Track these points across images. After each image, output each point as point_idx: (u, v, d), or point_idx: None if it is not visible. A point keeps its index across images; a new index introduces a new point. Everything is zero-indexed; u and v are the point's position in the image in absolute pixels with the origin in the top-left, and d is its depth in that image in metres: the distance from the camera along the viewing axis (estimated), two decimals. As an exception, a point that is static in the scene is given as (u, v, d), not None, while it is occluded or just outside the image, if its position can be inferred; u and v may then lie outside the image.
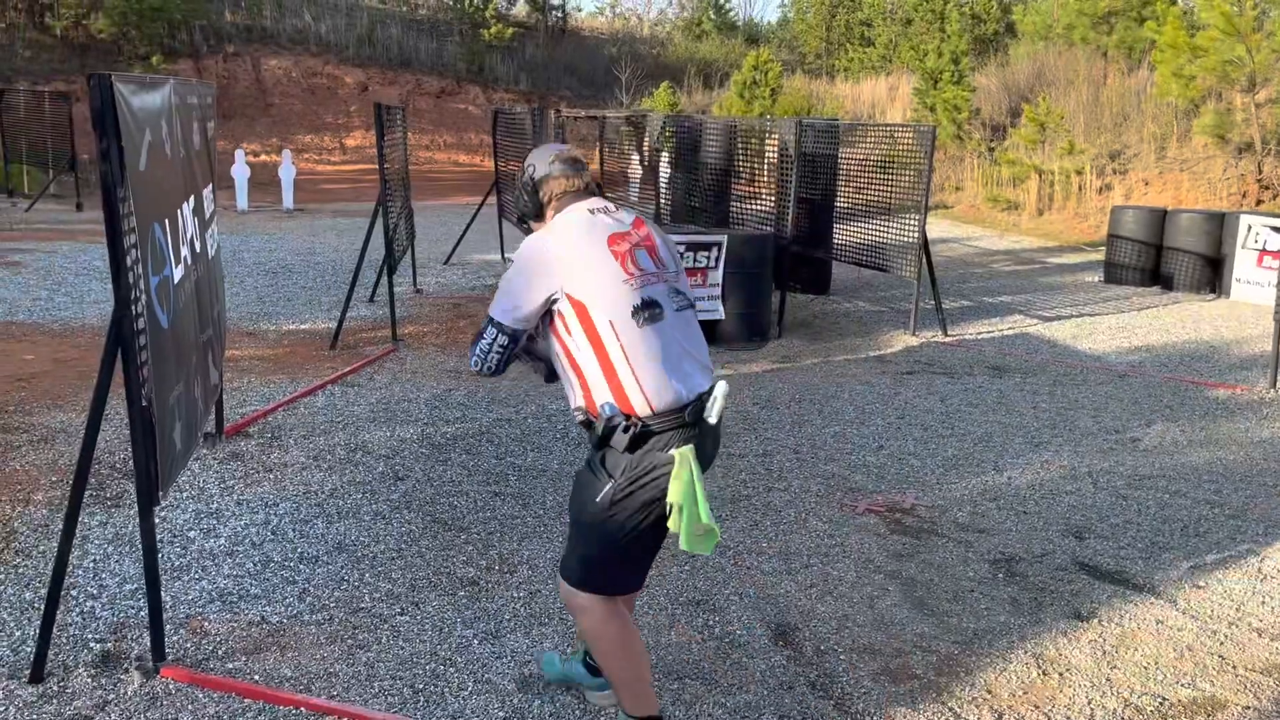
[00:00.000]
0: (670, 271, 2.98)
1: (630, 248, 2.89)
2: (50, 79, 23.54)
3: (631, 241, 2.91)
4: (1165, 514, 5.09)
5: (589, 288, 2.79)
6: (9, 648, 3.52)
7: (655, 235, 3.02)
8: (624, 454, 2.78)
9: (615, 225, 2.93)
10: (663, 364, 2.80)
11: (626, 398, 2.78)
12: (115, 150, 3.16)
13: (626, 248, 2.88)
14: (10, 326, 8.38)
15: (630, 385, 2.78)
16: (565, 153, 3.09)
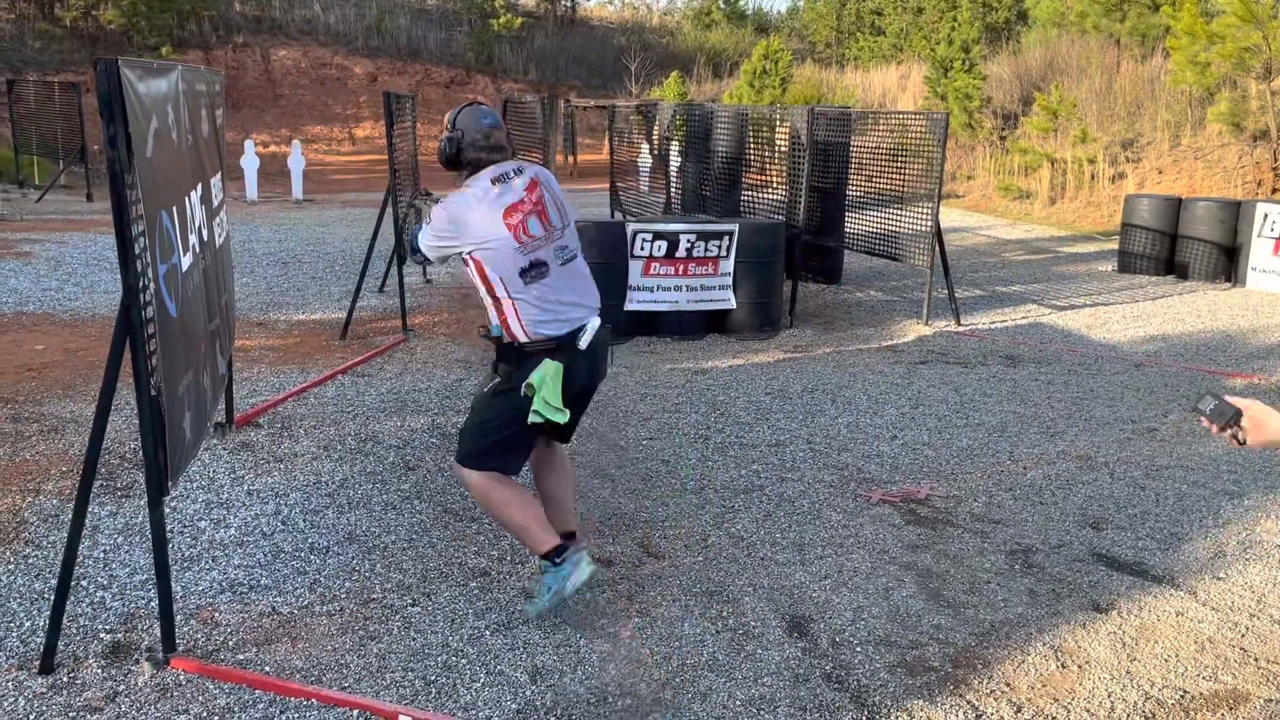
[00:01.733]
0: (558, 230, 3.69)
1: (523, 218, 3.59)
2: (60, 70, 23.57)
3: (524, 211, 3.60)
4: (1184, 504, 5.02)
5: (486, 254, 3.57)
6: (19, 639, 3.50)
7: (546, 198, 3.69)
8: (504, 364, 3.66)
9: (512, 196, 3.60)
10: (542, 309, 3.58)
11: (509, 328, 3.62)
12: (123, 136, 3.12)
13: (519, 219, 3.58)
14: (21, 317, 8.38)
15: (513, 321, 3.60)
16: (486, 125, 3.72)
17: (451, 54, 31.14)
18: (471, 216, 3.58)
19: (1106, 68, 20.78)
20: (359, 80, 28.87)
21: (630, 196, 13.63)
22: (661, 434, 5.89)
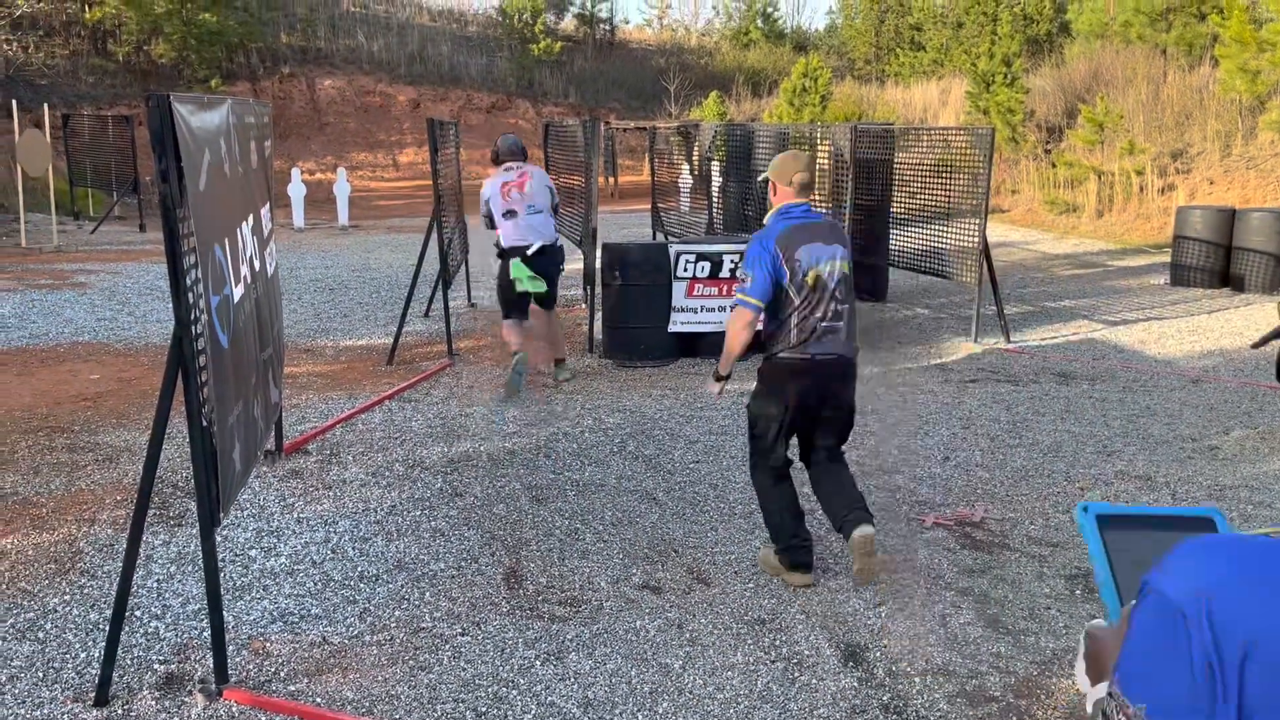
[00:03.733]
0: (531, 196, 7.09)
1: (510, 188, 7.08)
2: (113, 104, 24.15)
3: (512, 185, 7.09)
4: (1250, 526, 4.87)
5: (492, 205, 7.13)
6: (74, 670, 3.53)
7: (528, 183, 7.10)
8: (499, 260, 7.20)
9: (508, 177, 7.12)
10: (513, 234, 7.05)
11: (500, 241, 7.10)
12: (174, 171, 3.16)
13: (509, 189, 7.08)
14: (77, 346, 8.53)
15: (500, 238, 7.12)
16: (511, 145, 7.38)
17: (493, 79, 31.47)
18: (488, 185, 7.23)
19: (1152, 78, 20.48)
20: (402, 107, 29.26)
21: (672, 217, 13.63)
22: (708, 457, 5.84)
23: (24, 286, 11.37)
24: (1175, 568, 0.90)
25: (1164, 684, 0.87)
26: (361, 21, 32.40)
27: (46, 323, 9.44)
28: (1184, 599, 0.87)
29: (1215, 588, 0.86)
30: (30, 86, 23.53)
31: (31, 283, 11.65)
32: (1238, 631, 0.84)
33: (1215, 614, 0.85)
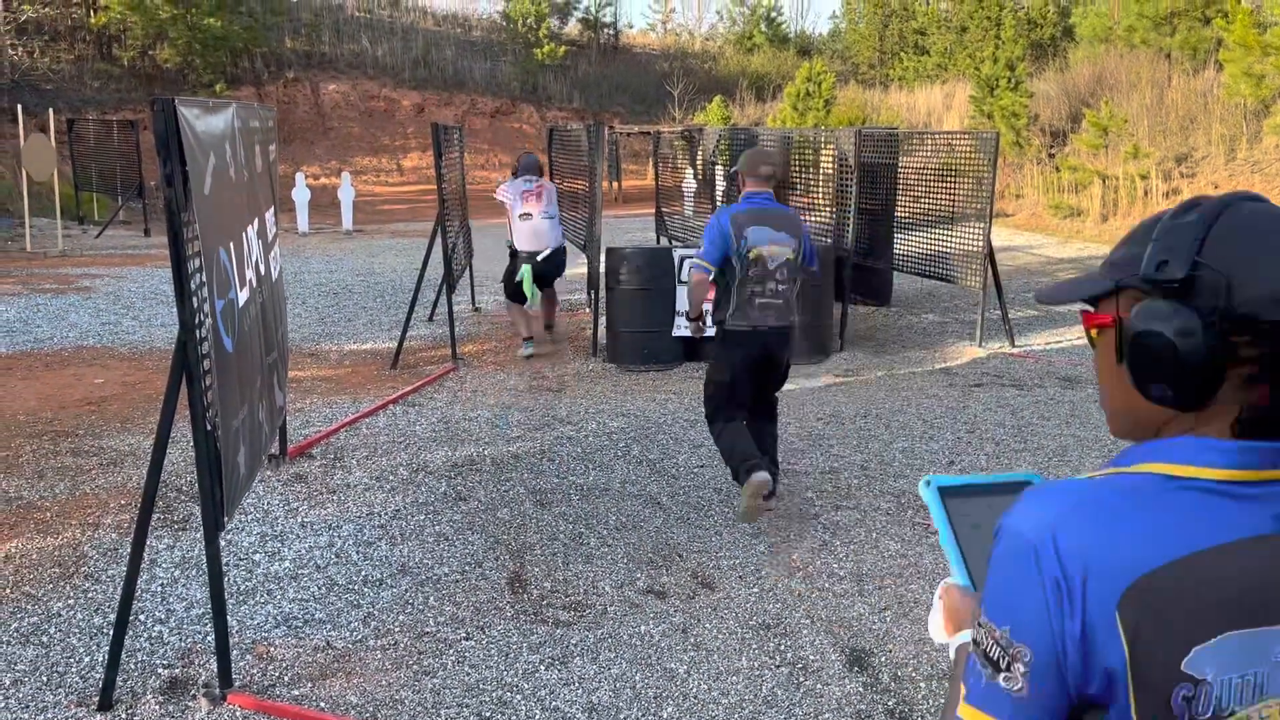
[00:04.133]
0: (545, 203, 8.37)
1: (529, 194, 8.36)
2: (118, 108, 24.21)
3: (532, 194, 8.36)
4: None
5: (512, 205, 8.40)
6: (78, 674, 3.52)
7: (544, 193, 8.46)
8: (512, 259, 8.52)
9: (527, 187, 8.42)
10: (528, 239, 8.31)
11: (515, 244, 8.42)
12: (179, 174, 3.16)
13: (528, 196, 8.35)
14: (81, 350, 8.55)
15: (514, 240, 8.45)
16: (530, 162, 8.74)
17: (497, 84, 31.51)
18: (508, 191, 8.45)
19: (1157, 82, 20.47)
20: (406, 112, 29.31)
21: (676, 221, 13.63)
22: (712, 461, 5.83)
23: (29, 291, 11.39)
24: (1022, 510, 1.07)
25: (1022, 608, 1.04)
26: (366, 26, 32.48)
27: (51, 327, 9.45)
28: (1032, 534, 1.04)
29: (1056, 521, 1.04)
30: (35, 91, 23.60)
31: (36, 287, 11.67)
32: (1077, 556, 1.02)
33: (1059, 542, 1.03)
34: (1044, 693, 1.04)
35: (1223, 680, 1.02)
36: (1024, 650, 1.04)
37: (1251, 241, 1.05)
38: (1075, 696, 1.05)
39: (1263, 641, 1.03)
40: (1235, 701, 1.03)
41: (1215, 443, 1.05)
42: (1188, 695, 1.02)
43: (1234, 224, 1.06)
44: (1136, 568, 1.01)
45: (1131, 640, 1.01)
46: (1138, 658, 1.01)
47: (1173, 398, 1.06)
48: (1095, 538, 1.02)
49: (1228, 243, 1.05)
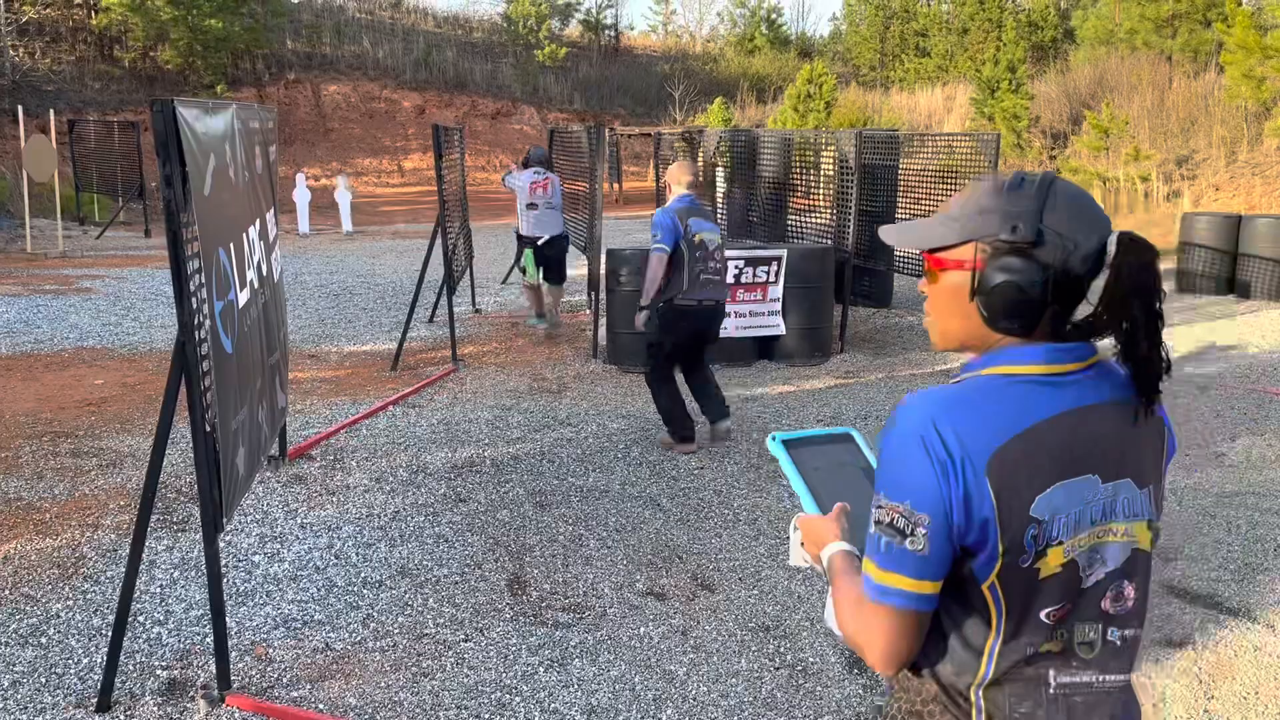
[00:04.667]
0: (549, 195, 9.14)
1: (536, 185, 9.10)
2: (119, 109, 24.22)
3: (540, 185, 9.11)
4: (1257, 533, 4.85)
5: (520, 194, 9.19)
6: (77, 676, 3.52)
7: (550, 185, 9.21)
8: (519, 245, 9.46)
9: (536, 178, 9.14)
10: (533, 225, 9.14)
11: (520, 230, 9.32)
12: (178, 175, 3.16)
13: (535, 187, 9.08)
14: (81, 351, 8.54)
15: (521, 225, 9.28)
16: (540, 155, 9.53)
17: (498, 85, 31.52)
18: (518, 180, 9.14)
19: (1158, 84, 20.48)
20: (407, 113, 29.32)
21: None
22: (712, 463, 5.83)
23: (29, 292, 11.39)
24: (905, 413, 1.38)
25: (919, 485, 1.34)
26: (367, 28, 32.49)
27: (51, 328, 9.45)
28: (918, 426, 1.36)
29: (935, 416, 1.35)
30: (36, 92, 23.61)
31: (37, 288, 11.67)
32: (953, 439, 1.34)
33: (940, 430, 1.34)
34: (939, 548, 1.35)
35: (1055, 520, 1.37)
36: (924, 518, 1.34)
37: (1074, 211, 1.40)
38: (957, 548, 1.36)
39: (1078, 488, 1.39)
40: (1062, 535, 1.38)
41: (1035, 349, 1.41)
42: (1034, 534, 1.35)
43: (1059, 198, 1.41)
44: (995, 441, 1.35)
45: (997, 495, 1.34)
46: (1001, 509, 1.34)
47: (1017, 328, 1.41)
48: (964, 424, 1.35)
49: (1059, 212, 1.39)
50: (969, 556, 1.37)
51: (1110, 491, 1.41)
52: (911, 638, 1.40)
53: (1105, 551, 1.42)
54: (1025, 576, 1.37)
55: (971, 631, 1.40)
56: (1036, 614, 1.39)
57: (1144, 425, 1.45)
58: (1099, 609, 1.43)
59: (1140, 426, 1.44)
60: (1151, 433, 1.46)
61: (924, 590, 1.37)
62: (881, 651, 1.40)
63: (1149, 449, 1.46)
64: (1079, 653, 1.42)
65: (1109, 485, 1.42)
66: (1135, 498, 1.44)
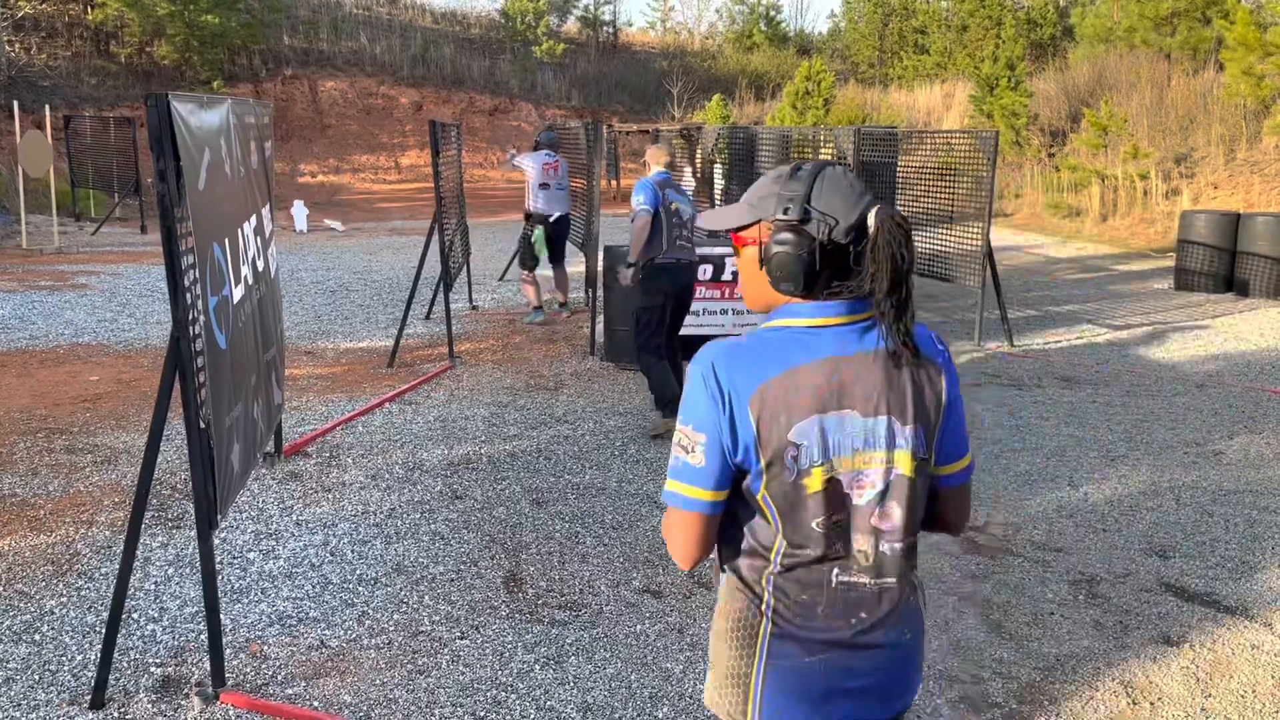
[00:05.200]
0: (560, 176, 9.62)
1: (549, 166, 9.53)
2: (115, 105, 24.16)
3: (552, 166, 9.55)
4: (1254, 531, 4.84)
5: (533, 174, 9.55)
6: (70, 673, 3.50)
7: (560, 167, 9.65)
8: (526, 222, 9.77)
9: (549, 160, 9.57)
10: (545, 203, 9.54)
11: (532, 207, 9.60)
12: (173, 170, 3.14)
13: (548, 168, 9.52)
14: (76, 348, 8.52)
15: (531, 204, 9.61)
16: (551, 137, 10.09)
17: (495, 81, 31.46)
18: (530, 161, 9.49)
19: (1157, 82, 20.46)
20: (404, 109, 29.26)
21: (674, 220, 13.57)
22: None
23: (25, 288, 11.36)
24: (699, 356, 1.74)
25: (700, 411, 1.71)
26: (364, 23, 32.43)
27: (47, 324, 9.43)
28: (703, 369, 1.71)
29: (716, 359, 1.71)
30: (32, 88, 23.55)
31: (32, 284, 11.64)
32: (726, 378, 1.69)
33: (717, 371, 1.70)
34: (714, 462, 1.70)
35: (813, 445, 1.68)
36: (701, 437, 1.70)
37: (836, 194, 1.72)
38: (732, 465, 1.70)
39: (836, 421, 1.69)
40: (821, 459, 1.69)
41: (805, 306, 1.74)
42: (794, 455, 1.68)
43: (824, 183, 1.73)
44: (757, 380, 1.68)
45: (757, 423, 1.67)
46: (761, 434, 1.67)
47: (794, 290, 1.73)
48: (735, 367, 1.70)
49: (824, 195, 1.72)
50: (744, 474, 1.71)
51: (870, 426, 1.70)
52: (697, 538, 1.73)
53: (868, 476, 1.72)
54: (792, 491, 1.69)
55: (761, 534, 1.74)
56: (808, 523, 1.70)
57: (911, 372, 1.73)
58: (870, 524, 1.73)
59: (905, 373, 1.72)
60: (920, 379, 1.74)
61: (702, 497, 1.71)
62: (675, 547, 1.76)
63: (915, 393, 1.73)
64: (857, 559, 1.73)
65: (868, 420, 1.70)
66: (896, 432, 1.72)
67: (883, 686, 1.77)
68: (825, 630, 1.73)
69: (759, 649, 1.75)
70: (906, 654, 1.79)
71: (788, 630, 1.73)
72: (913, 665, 1.82)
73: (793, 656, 1.74)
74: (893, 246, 1.67)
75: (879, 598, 1.75)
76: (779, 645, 1.74)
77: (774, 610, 1.74)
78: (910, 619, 1.79)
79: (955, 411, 1.80)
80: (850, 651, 1.74)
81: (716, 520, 1.74)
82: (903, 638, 1.78)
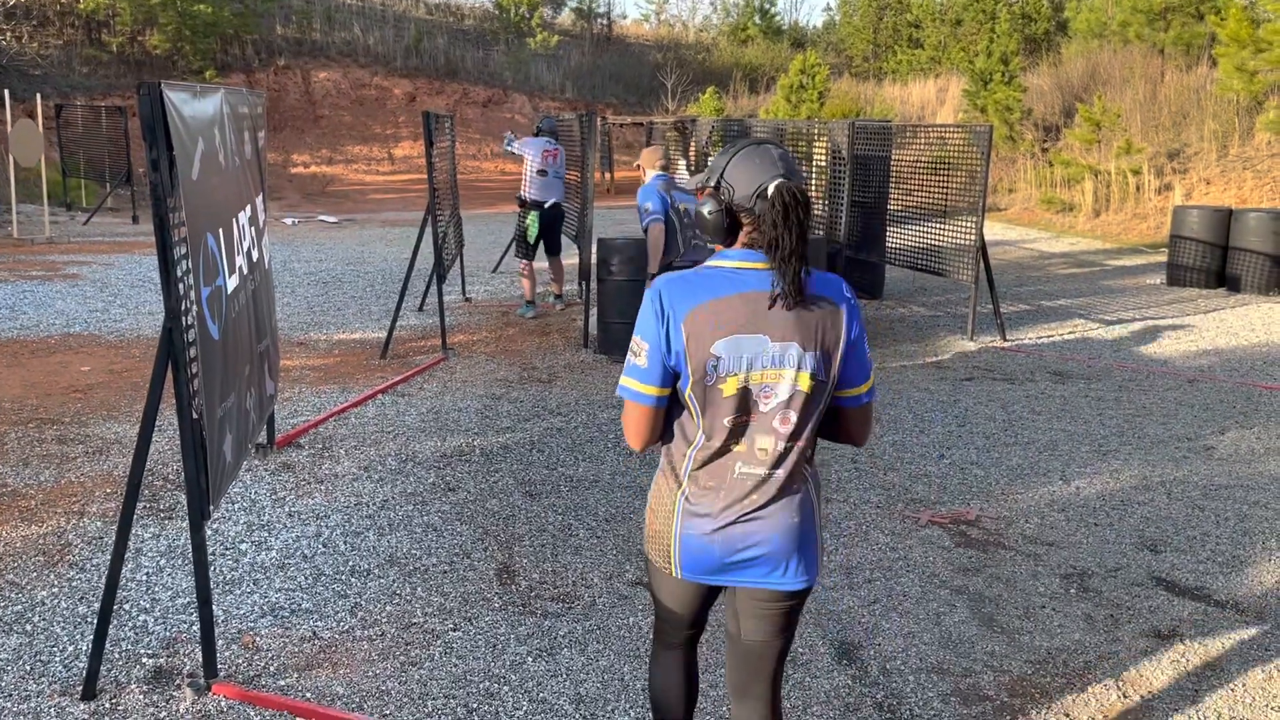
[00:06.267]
0: (559, 164, 9.45)
1: (549, 153, 9.38)
2: (107, 94, 24.03)
3: (551, 153, 9.39)
4: (1245, 525, 4.86)
5: (533, 159, 9.36)
6: (62, 664, 3.49)
7: (559, 155, 9.49)
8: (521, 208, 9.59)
9: (549, 146, 9.40)
10: (542, 190, 9.38)
11: (529, 194, 9.41)
12: (165, 159, 3.12)
13: (548, 156, 9.37)
14: (68, 338, 8.48)
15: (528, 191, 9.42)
16: (552, 125, 9.91)
17: (489, 73, 31.36)
18: (530, 147, 9.30)
19: (1150, 77, 20.47)
20: (398, 100, 29.16)
21: (668, 213, 13.55)
22: (703, 453, 5.81)
23: (16, 278, 11.31)
24: (652, 285, 2.20)
25: (647, 325, 2.19)
26: (358, 14, 32.29)
27: (38, 314, 9.39)
28: (653, 294, 2.19)
29: (663, 287, 2.19)
30: (23, 76, 23.41)
31: (23, 274, 11.59)
32: (668, 300, 2.17)
33: (662, 296, 2.18)
34: (654, 364, 2.18)
35: (729, 358, 2.15)
36: (646, 345, 2.19)
37: (742, 168, 2.20)
38: (670, 368, 2.18)
39: (750, 342, 2.15)
40: (735, 369, 2.15)
41: (734, 252, 2.22)
42: (714, 365, 2.15)
43: (736, 159, 2.21)
44: (690, 304, 2.16)
45: (687, 338, 2.14)
46: (690, 347, 2.14)
47: (717, 240, 2.24)
48: (677, 294, 2.18)
49: (733, 169, 2.21)
50: (677, 378, 2.20)
51: (778, 349, 2.15)
52: (644, 425, 2.23)
53: (776, 388, 2.17)
54: (712, 392, 2.16)
55: (688, 427, 2.23)
56: (721, 419, 2.18)
57: (818, 311, 2.18)
58: (772, 427, 2.19)
59: (813, 310, 2.18)
60: (825, 317, 2.19)
61: (648, 391, 2.20)
62: (628, 431, 2.26)
63: (819, 327, 2.18)
64: (758, 455, 2.20)
65: (777, 344, 2.15)
66: (799, 356, 2.16)
67: (773, 559, 2.23)
68: (724, 509, 2.21)
69: (675, 520, 2.27)
70: (795, 534, 2.23)
71: (696, 502, 2.24)
72: (803, 546, 2.25)
73: (699, 527, 2.24)
74: (779, 212, 2.13)
75: (771, 486, 2.21)
76: (689, 515, 2.25)
77: (688, 490, 2.24)
78: (800, 506, 2.24)
79: (858, 347, 2.24)
80: (744, 525, 2.21)
81: (660, 413, 2.23)
82: (791, 520, 2.23)
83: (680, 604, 2.39)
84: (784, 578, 2.25)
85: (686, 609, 2.40)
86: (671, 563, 2.29)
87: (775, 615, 2.31)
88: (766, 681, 2.38)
